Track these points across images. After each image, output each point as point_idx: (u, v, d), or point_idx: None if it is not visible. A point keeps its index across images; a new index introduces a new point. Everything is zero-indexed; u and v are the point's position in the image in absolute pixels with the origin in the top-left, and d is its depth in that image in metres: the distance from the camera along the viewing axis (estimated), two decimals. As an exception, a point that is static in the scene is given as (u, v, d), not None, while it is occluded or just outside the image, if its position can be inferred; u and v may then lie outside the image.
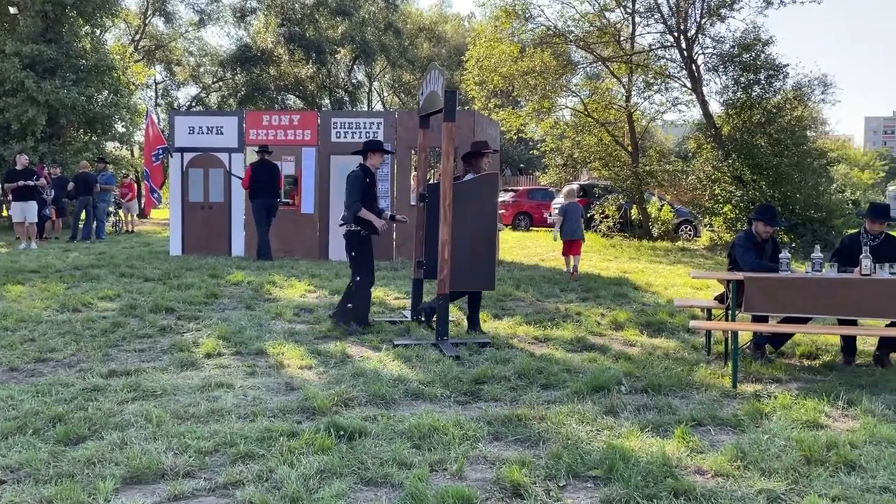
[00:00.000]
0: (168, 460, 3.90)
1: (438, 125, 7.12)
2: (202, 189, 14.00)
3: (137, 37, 37.72)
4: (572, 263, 12.05)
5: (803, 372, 6.14)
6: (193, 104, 40.66)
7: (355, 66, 42.98)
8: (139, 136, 25.48)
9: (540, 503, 3.46)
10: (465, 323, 8.05)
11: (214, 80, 40.94)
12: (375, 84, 47.42)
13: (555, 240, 12.63)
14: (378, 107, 47.49)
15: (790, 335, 6.68)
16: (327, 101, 41.46)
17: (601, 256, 16.05)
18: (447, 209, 6.79)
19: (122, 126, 24.33)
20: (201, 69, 41.21)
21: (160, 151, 14.47)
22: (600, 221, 21.53)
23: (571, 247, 12.15)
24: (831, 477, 3.75)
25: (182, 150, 13.98)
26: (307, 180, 13.79)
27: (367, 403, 5.06)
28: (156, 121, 15.78)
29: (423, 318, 7.60)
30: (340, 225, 7.56)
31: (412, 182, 13.23)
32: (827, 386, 5.50)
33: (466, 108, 23.84)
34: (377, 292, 9.70)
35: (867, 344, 6.89)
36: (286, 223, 13.78)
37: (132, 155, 31.95)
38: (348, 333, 7.18)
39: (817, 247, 6.52)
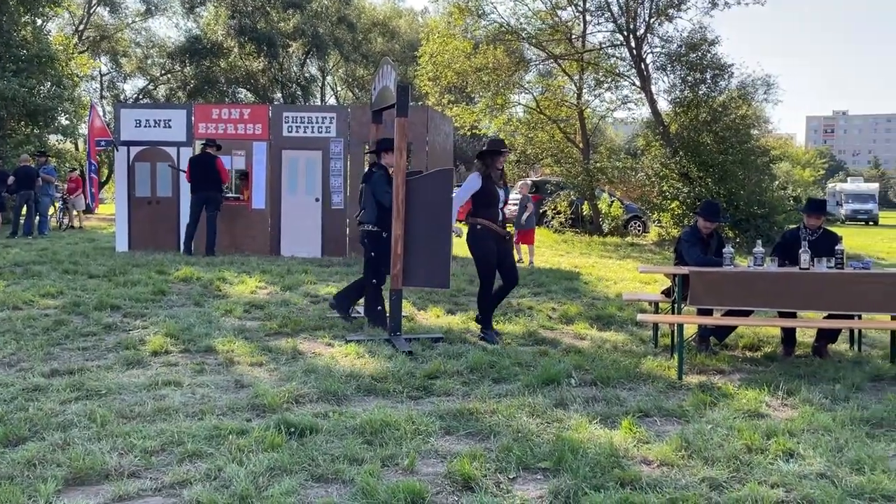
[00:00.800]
0: (112, 461, 3.82)
1: (391, 120, 7.10)
2: (149, 183, 13.68)
3: (81, 27, 36.60)
4: (527, 252, 13.17)
5: (746, 363, 6.33)
6: (140, 97, 39.66)
7: (308, 60, 42.50)
8: (84, 129, 24.75)
9: (490, 496, 3.50)
10: (418, 318, 8.07)
11: (162, 72, 40.01)
12: (329, 78, 47.00)
13: (518, 227, 13.38)
14: (331, 101, 47.07)
15: (733, 327, 6.88)
16: (279, 94, 40.90)
17: (553, 252, 16.25)
18: (400, 205, 6.79)
19: (66, 119, 23.61)
20: (149, 61, 40.24)
21: (103, 143, 14.08)
22: (552, 217, 21.79)
23: (526, 236, 13.25)
24: (771, 464, 3.88)
25: (128, 143, 13.63)
26: (258, 175, 13.59)
27: (318, 400, 5.03)
28: (100, 113, 15.34)
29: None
30: (359, 224, 7.42)
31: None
32: (768, 376, 5.68)
33: (420, 103, 23.81)
34: (330, 288, 9.64)
35: (806, 336, 7.14)
36: (237, 219, 13.57)
37: (76, 149, 31.03)
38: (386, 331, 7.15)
39: (759, 242, 6.72)
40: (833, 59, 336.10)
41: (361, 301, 7.76)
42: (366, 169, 7.78)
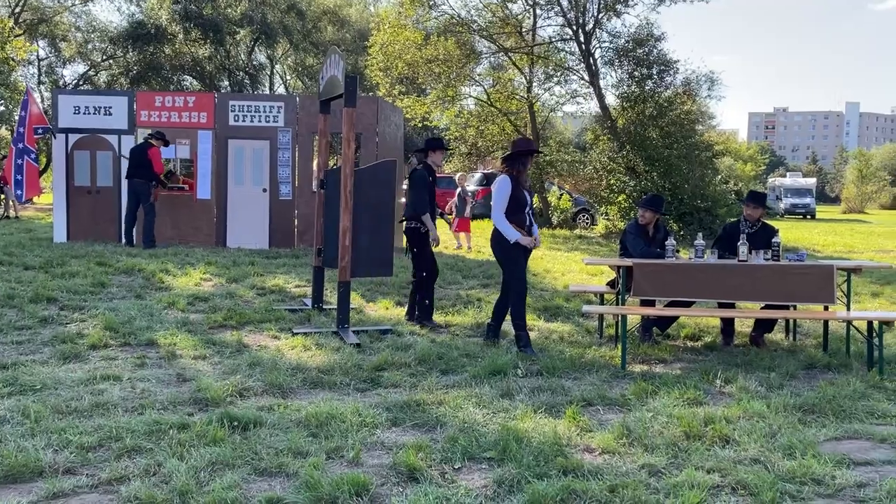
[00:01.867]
0: (47, 457, 3.70)
1: (340, 110, 7.02)
2: (89, 172, 13.26)
3: (18, 9, 35.12)
4: (465, 239, 14.53)
5: (686, 353, 6.50)
6: (81, 83, 38.32)
7: (256, 48, 41.69)
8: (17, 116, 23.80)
9: (435, 486, 3.51)
10: (367, 310, 8.03)
11: (104, 57, 38.70)
12: (278, 67, 46.22)
13: (465, 216, 14.79)
14: (281, 90, 46.32)
15: (675, 318, 7.05)
16: (226, 83, 40.05)
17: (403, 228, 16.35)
18: (347, 196, 6.73)
19: (2, 105, 22.66)
20: (89, 46, 38.84)
21: (41, 130, 13.57)
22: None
23: (465, 224, 14.68)
24: (707, 450, 3.99)
25: (66, 131, 13.18)
26: (203, 165, 13.30)
27: (263, 393, 4.96)
28: (37, 99, 14.78)
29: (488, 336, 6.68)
30: (401, 221, 7.39)
31: (314, 168, 13.02)
32: (707, 365, 5.84)
33: (370, 94, 23.63)
34: (277, 280, 9.52)
35: (745, 326, 7.36)
36: (181, 209, 13.27)
37: (13, 135, 29.83)
38: (432, 329, 7.10)
39: (700, 235, 6.90)
40: (775, 57, 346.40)
41: (310, 292, 7.68)
42: (413, 166, 7.72)
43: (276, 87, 45.45)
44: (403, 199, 18.14)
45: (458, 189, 15.18)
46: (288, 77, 47.27)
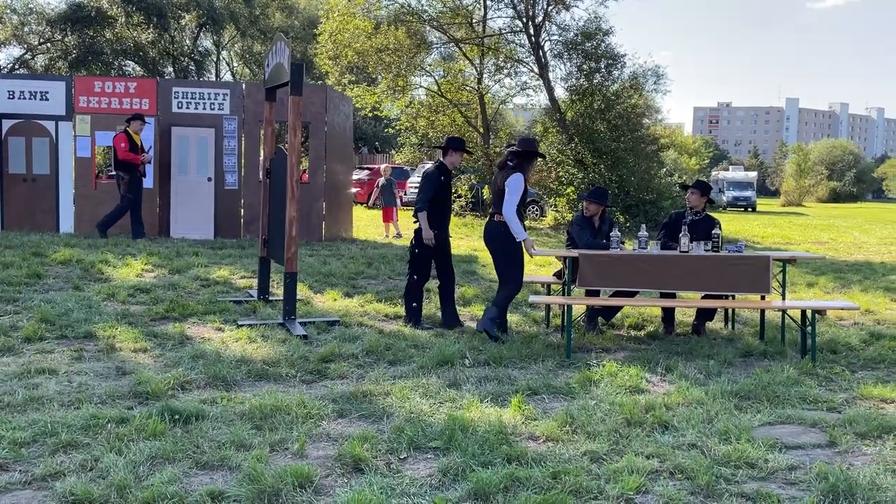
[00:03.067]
0: (-24, 455, 3.56)
1: (286, 98, 6.92)
2: (24, 160, 12.77)
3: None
4: (392, 227, 15.39)
5: (630, 342, 6.63)
6: (16, 67, 36.82)
7: (202, 34, 40.72)
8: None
9: (380, 476, 3.51)
10: (315, 302, 7.96)
11: (41, 40, 37.25)
12: (224, 53, 45.24)
13: (388, 206, 15.72)
14: (227, 77, 45.35)
15: (620, 308, 7.18)
16: (171, 69, 39.03)
17: (453, 235, 16.35)
18: (294, 186, 6.65)
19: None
20: (25, 28, 37.32)
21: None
22: (453, 201, 21.97)
23: (390, 213, 15.57)
24: (648, 436, 4.09)
25: (0, 116, 12.65)
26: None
27: (206, 386, 4.88)
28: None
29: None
30: (415, 221, 7.07)
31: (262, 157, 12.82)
32: (649, 354, 5.98)
33: (319, 82, 23.34)
34: (222, 271, 9.35)
35: (686, 315, 7.55)
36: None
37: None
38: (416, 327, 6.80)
39: (643, 226, 7.04)
40: (719, 54, 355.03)
41: (255, 283, 7.56)
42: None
43: (222, 74, 44.52)
44: (353, 189, 18.04)
45: (380, 179, 15.93)
46: (235, 64, 46.33)
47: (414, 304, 6.98)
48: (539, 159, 6.77)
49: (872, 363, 5.88)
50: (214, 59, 43.50)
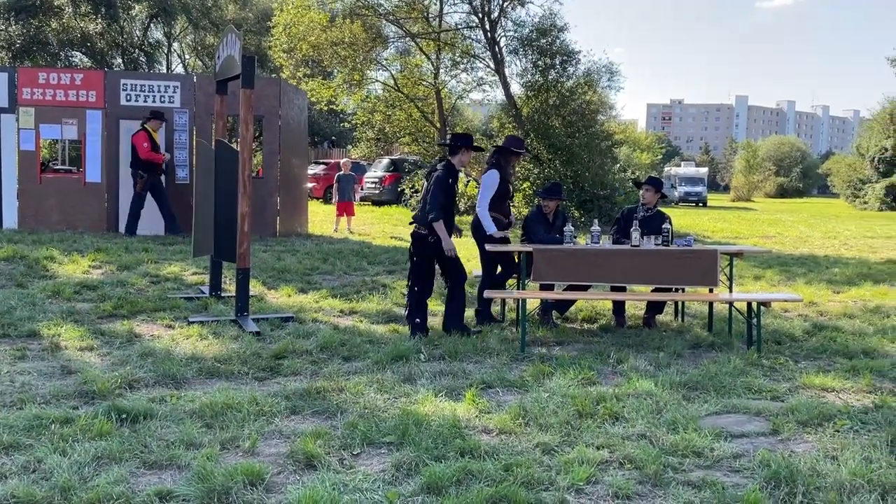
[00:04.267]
0: (-90, 459, 3.44)
1: (238, 91, 6.80)
2: (-37, 153, 12.30)
3: None
4: (346, 221, 15.31)
5: (583, 335, 6.72)
6: (-45, 56, 35.43)
7: (152, 25, 39.76)
8: None
9: (332, 472, 3.49)
10: (269, 298, 7.87)
11: (-19, 29, 35.90)
12: (176, 45, 44.27)
13: (345, 201, 15.58)
14: (179, 70, 44.42)
15: (573, 302, 7.27)
16: (120, 60, 38.02)
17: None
18: (246, 180, 6.56)
19: None
20: (-35, 16, 35.92)
21: None
22: (410, 196, 21.93)
23: (347, 208, 15.40)
24: (598, 428, 4.15)
25: (-63, 107, 12.17)
26: (92, 146, 12.61)
27: (155, 384, 4.79)
28: None
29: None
30: (410, 223, 6.62)
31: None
32: (602, 347, 6.07)
33: (274, 76, 23.02)
34: (173, 268, 9.17)
35: (638, 308, 7.68)
36: (69, 193, 12.54)
37: None
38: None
39: (595, 221, 7.14)
40: (672, 51, 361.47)
41: (207, 279, 7.43)
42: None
43: (174, 66, 43.57)
44: (309, 184, 17.85)
45: (338, 174, 15.98)
46: (187, 56, 45.39)
47: (417, 321, 6.34)
48: (519, 156, 7.03)
49: (815, 353, 6.07)
50: (166, 51, 42.54)
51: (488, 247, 6.76)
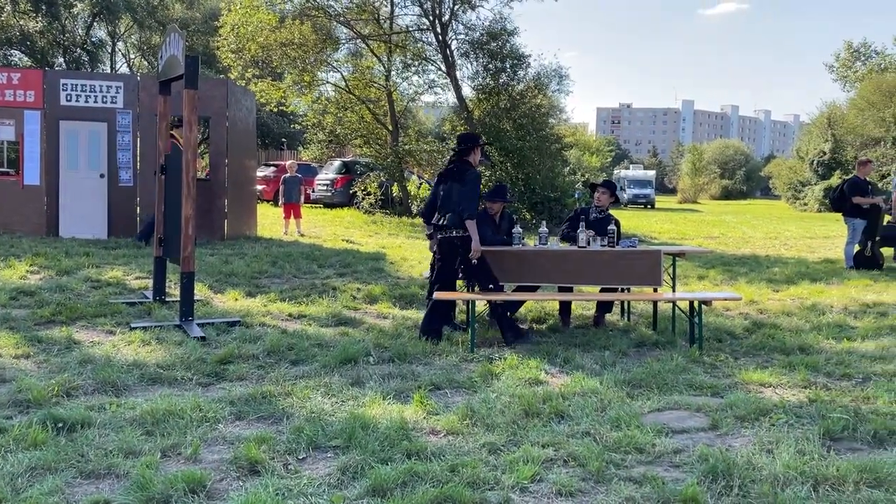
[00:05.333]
0: None
1: (181, 92, 6.68)
2: None
3: None
4: (295, 224, 15.26)
5: (532, 335, 6.78)
6: None
7: (95, 23, 38.72)
8: None
9: (277, 478, 3.45)
10: (215, 302, 7.74)
11: (-87, 26, 34.42)
12: (120, 45, 43.21)
13: (289, 202, 15.42)
14: (124, 70, 43.35)
15: (522, 302, 7.34)
16: (62, 60, 36.92)
17: (362, 232, 16.31)
18: (191, 182, 6.44)
19: None
20: None
21: None
22: (362, 199, 21.81)
23: (293, 210, 15.34)
24: (544, 426, 4.20)
25: None
26: (31, 148, 12.21)
27: (94, 392, 4.66)
28: None
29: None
30: (440, 225, 6.33)
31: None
32: (549, 347, 6.13)
33: (222, 76, 22.65)
34: (115, 272, 8.94)
35: (587, 308, 7.79)
36: (6, 196, 12.12)
37: None
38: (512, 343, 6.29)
39: (543, 223, 7.22)
40: (620, 56, 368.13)
41: (150, 284, 7.25)
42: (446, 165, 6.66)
43: (118, 66, 42.51)
44: (259, 186, 17.60)
45: (284, 175, 15.84)
46: (132, 56, 44.35)
47: (512, 320, 6.37)
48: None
49: (754, 350, 6.25)
50: (110, 51, 41.47)
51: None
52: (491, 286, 6.36)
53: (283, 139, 39.01)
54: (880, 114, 37.80)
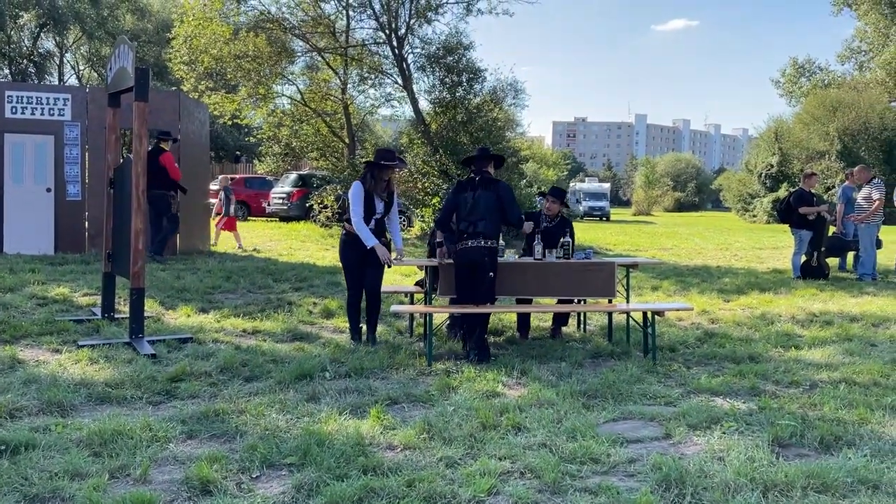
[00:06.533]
0: None
1: (131, 104, 6.54)
2: None
3: None
4: (235, 237, 15.26)
5: (490, 347, 6.79)
6: None
7: (42, 34, 37.81)
8: None
9: (230, 497, 3.38)
10: (166, 318, 7.57)
11: None
12: (69, 56, 42.25)
13: (231, 215, 15.43)
14: (73, 81, 42.37)
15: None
16: (7, 71, 35.92)
17: (318, 246, 16.17)
18: (140, 196, 6.31)
19: None
20: None
21: None
22: (319, 212, 21.65)
23: (233, 223, 15.41)
24: (501, 439, 4.20)
25: None
26: (-26, 161, 11.81)
27: (39, 413, 4.51)
28: None
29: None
30: (473, 238, 6.25)
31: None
32: (507, 359, 6.16)
33: (174, 88, 22.30)
34: (62, 289, 8.68)
35: (543, 321, 7.85)
36: (-54, 211, 11.69)
37: None
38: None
39: (500, 235, 7.25)
40: (575, 71, 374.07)
41: (99, 301, 7.06)
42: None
43: (66, 77, 41.53)
44: (214, 200, 17.41)
45: (221, 188, 15.75)
46: (81, 67, 43.39)
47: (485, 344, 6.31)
48: (387, 169, 6.57)
49: (705, 359, 6.37)
50: (57, 62, 40.52)
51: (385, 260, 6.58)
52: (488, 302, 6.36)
53: (238, 152, 38.54)
54: (825, 128, 39.15)
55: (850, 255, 12.92)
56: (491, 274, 6.28)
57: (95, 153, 12.24)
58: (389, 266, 6.61)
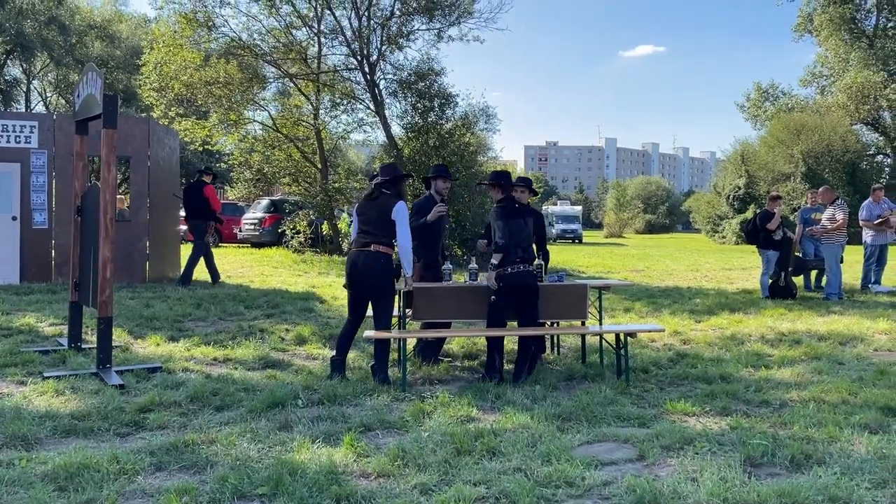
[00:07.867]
0: None
1: (99, 131, 6.48)
2: None
3: None
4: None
5: (465, 371, 6.79)
6: None
7: (9, 61, 37.40)
8: None
9: (200, 530, 3.31)
10: (135, 347, 7.44)
11: None
12: (36, 83, 41.79)
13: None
14: (40, 108, 41.88)
15: (450, 339, 7.34)
16: (-28, 97, 35.42)
17: (291, 272, 16.06)
18: (109, 224, 6.22)
19: None
20: None
21: None
22: (291, 237, 21.53)
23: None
24: (476, 464, 4.18)
25: None
26: (-64, 189, 11.58)
27: (2, 447, 4.38)
28: None
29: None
30: (532, 268, 6.44)
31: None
32: (482, 383, 6.14)
33: (144, 115, 22.13)
34: (27, 319, 8.50)
35: (517, 343, 7.84)
36: None
37: None
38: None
39: (473, 259, 7.28)
40: (546, 95, 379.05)
41: (65, 331, 6.92)
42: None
43: (33, 104, 41.04)
44: (182, 227, 17.24)
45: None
46: (49, 94, 42.94)
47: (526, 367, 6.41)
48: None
49: (678, 380, 6.42)
50: (25, 89, 40.05)
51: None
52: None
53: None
54: (789, 150, 40.06)
55: (813, 274, 13.19)
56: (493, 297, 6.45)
57: (63, 181, 12.09)
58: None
